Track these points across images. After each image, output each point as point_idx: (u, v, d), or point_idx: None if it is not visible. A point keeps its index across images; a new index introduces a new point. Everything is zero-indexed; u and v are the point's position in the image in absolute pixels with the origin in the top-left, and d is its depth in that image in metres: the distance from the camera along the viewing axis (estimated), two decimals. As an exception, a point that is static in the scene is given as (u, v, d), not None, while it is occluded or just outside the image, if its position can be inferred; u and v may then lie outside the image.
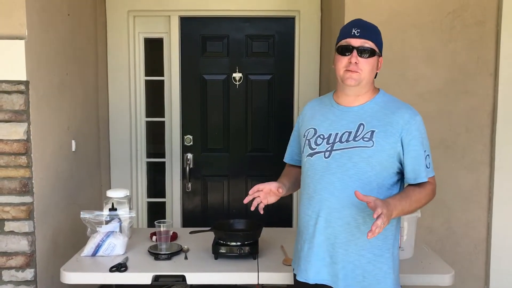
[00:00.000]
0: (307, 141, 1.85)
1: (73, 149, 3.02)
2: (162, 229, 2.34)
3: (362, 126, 1.74)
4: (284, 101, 3.90)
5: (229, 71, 3.87)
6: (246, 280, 2.12)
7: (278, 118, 3.93)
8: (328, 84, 3.58)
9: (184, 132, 3.90)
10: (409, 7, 3.01)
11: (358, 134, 1.74)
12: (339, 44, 1.79)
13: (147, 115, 3.94)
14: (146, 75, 3.90)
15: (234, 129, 3.92)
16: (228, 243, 2.26)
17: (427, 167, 1.74)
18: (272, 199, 1.91)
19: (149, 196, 4.01)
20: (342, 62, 1.75)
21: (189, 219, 3.96)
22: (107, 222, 2.36)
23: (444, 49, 3.03)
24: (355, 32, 1.74)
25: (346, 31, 1.78)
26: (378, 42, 1.79)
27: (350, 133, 1.75)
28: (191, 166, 3.90)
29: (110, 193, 2.51)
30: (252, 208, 1.90)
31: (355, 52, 1.73)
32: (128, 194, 2.55)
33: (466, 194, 3.10)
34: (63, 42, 2.90)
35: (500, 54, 2.97)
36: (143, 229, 3.06)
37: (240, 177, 3.96)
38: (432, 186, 1.78)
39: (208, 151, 3.94)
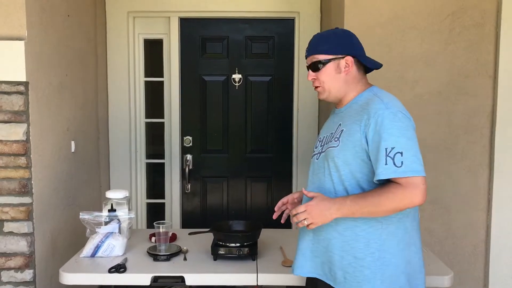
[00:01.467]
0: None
1: (73, 150, 3.02)
2: (161, 230, 2.34)
3: (339, 126, 1.77)
4: (283, 103, 3.91)
5: (229, 72, 3.88)
6: (245, 281, 2.12)
7: (277, 120, 3.93)
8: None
9: (183, 133, 3.90)
10: (408, 9, 3.02)
11: (333, 135, 1.78)
12: None
13: (147, 116, 3.94)
14: (145, 76, 3.91)
15: (233, 130, 3.93)
16: (227, 244, 2.26)
17: (386, 164, 1.58)
18: None
19: (148, 197, 4.01)
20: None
21: (188, 220, 3.96)
22: (106, 223, 2.36)
23: (443, 51, 3.04)
24: (305, 54, 1.87)
25: None
26: (326, 49, 1.79)
27: (331, 134, 1.80)
28: (190, 167, 3.90)
29: (109, 194, 2.51)
30: (283, 221, 2.07)
31: (309, 71, 1.83)
32: (127, 195, 2.55)
33: (465, 196, 3.10)
34: (62, 43, 2.90)
35: (500, 56, 2.98)
36: (142, 230, 3.06)
37: (239, 178, 3.96)
38: (400, 189, 1.59)
39: (207, 152, 3.95)
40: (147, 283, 2.08)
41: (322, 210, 1.67)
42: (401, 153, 1.58)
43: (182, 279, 2.09)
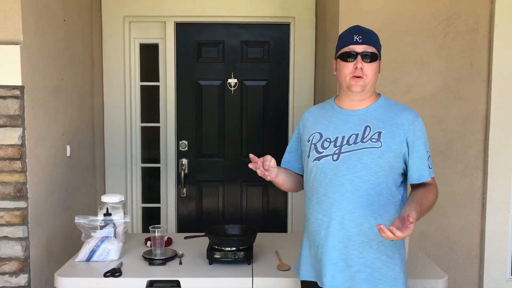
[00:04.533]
0: (312, 145, 1.86)
1: (68, 154, 3.02)
2: (156, 234, 2.33)
3: (368, 128, 1.79)
4: (279, 107, 3.92)
5: (225, 76, 3.89)
6: (241, 285, 2.12)
7: (273, 124, 3.94)
8: (323, 89, 3.61)
9: (179, 137, 3.91)
10: (403, 15, 3.04)
11: (365, 136, 1.77)
12: (342, 51, 1.82)
13: (142, 121, 3.94)
14: (141, 81, 3.91)
15: (229, 135, 3.93)
16: (223, 248, 2.27)
17: (429, 167, 1.81)
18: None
19: (144, 201, 4.00)
20: (348, 68, 1.79)
21: (184, 225, 3.95)
22: (101, 227, 2.35)
23: (437, 56, 3.06)
24: (357, 38, 1.79)
25: (347, 38, 1.82)
26: (379, 46, 1.86)
27: (357, 135, 1.78)
28: (186, 171, 3.90)
29: (104, 198, 2.51)
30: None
31: (359, 57, 1.77)
32: (122, 199, 2.55)
33: (460, 200, 3.11)
34: (58, 47, 2.90)
35: (493, 61, 3.00)
36: (138, 234, 3.06)
37: (235, 183, 3.97)
38: (435, 187, 1.85)
39: (203, 157, 3.95)
40: (142, 287, 2.07)
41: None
42: (430, 156, 1.84)
43: (177, 283, 2.09)
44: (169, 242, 2.55)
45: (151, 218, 3.96)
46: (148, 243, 2.53)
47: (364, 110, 1.84)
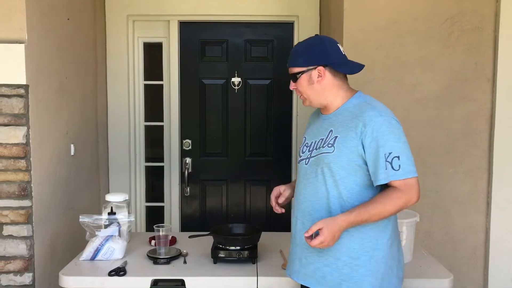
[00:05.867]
0: (299, 148, 1.98)
1: (72, 153, 3.02)
2: (161, 233, 2.33)
3: (331, 132, 1.81)
4: (283, 106, 3.92)
5: (228, 75, 3.88)
6: (246, 284, 2.12)
7: (276, 123, 3.94)
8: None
9: (182, 136, 3.91)
10: (407, 14, 3.03)
11: (326, 140, 1.81)
12: None
13: (146, 120, 3.94)
14: (145, 80, 3.91)
15: (232, 134, 3.93)
16: (227, 247, 2.26)
17: (386, 169, 1.68)
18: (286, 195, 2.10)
19: (147, 200, 4.00)
20: None
21: (187, 224, 3.95)
22: (106, 226, 2.35)
23: (441, 55, 3.05)
24: (287, 63, 1.90)
25: None
26: (300, 61, 1.84)
27: (322, 140, 1.83)
28: (189, 170, 3.90)
29: (109, 197, 2.51)
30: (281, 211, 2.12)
31: (291, 81, 1.88)
32: (127, 198, 2.55)
33: (464, 199, 3.11)
34: (62, 46, 2.90)
35: (498, 60, 2.99)
36: (142, 233, 3.06)
37: (238, 182, 3.96)
38: (402, 193, 1.69)
39: (206, 156, 3.95)
40: (147, 286, 2.07)
41: (335, 234, 1.69)
42: (398, 157, 1.68)
43: (182, 282, 2.09)
44: (173, 241, 2.55)
45: (154, 217, 3.96)
46: (152, 242, 2.53)
47: (332, 114, 1.86)
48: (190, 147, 3.91)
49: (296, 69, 1.84)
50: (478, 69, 3.04)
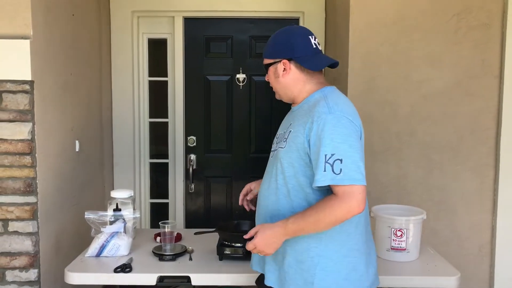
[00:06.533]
0: None
1: (77, 149, 3.02)
2: (166, 230, 2.33)
3: (289, 126, 1.74)
4: (287, 103, 3.89)
5: (233, 72, 3.87)
6: (251, 281, 2.11)
7: (281, 119, 3.91)
8: (333, 85, 3.57)
9: (187, 133, 3.90)
10: (414, 10, 3.01)
11: (284, 135, 1.75)
12: None
13: (151, 116, 3.93)
14: (149, 76, 3.90)
15: (237, 130, 3.92)
16: (233, 244, 2.25)
17: (325, 171, 1.55)
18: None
19: (152, 197, 4.00)
20: None
21: (192, 220, 3.95)
22: (111, 223, 2.35)
23: (448, 51, 3.03)
24: None
25: None
26: (268, 53, 1.81)
27: (283, 133, 1.77)
28: (194, 167, 3.89)
29: (114, 194, 2.51)
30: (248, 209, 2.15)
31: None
32: (132, 194, 2.54)
33: (471, 197, 3.09)
34: (67, 42, 2.89)
35: (506, 57, 2.97)
36: (146, 230, 3.05)
37: (243, 178, 3.92)
38: (337, 201, 1.56)
39: (211, 152, 3.94)
40: (153, 282, 2.07)
41: (269, 240, 1.65)
42: (341, 160, 1.54)
43: (188, 279, 2.08)
44: (178, 237, 2.54)
45: (159, 213, 3.96)
46: (158, 238, 2.52)
47: (296, 107, 1.80)
48: (194, 144, 3.90)
49: (266, 61, 1.81)
50: (485, 66, 3.02)
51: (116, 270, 2.09)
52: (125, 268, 2.10)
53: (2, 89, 2.38)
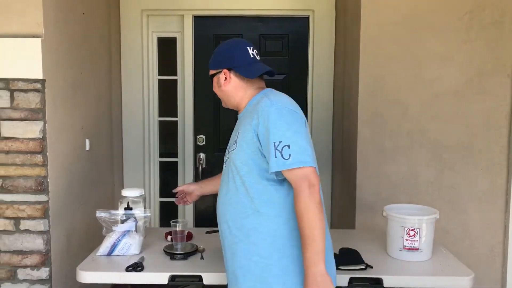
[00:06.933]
0: None
1: (87, 148, 3.02)
2: (178, 228, 2.32)
3: (238, 130, 1.83)
4: (297, 101, 3.85)
5: (242, 70, 3.85)
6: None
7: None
8: (343, 84, 3.56)
9: (196, 131, 3.89)
10: (425, 8, 2.99)
11: (234, 139, 1.83)
12: None
13: (160, 115, 3.93)
14: (159, 75, 3.90)
15: (246, 129, 3.90)
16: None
17: (276, 157, 1.63)
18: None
19: (161, 195, 4.00)
20: None
21: (201, 219, 3.95)
22: (122, 222, 2.34)
23: (460, 49, 3.00)
24: None
25: None
26: (211, 64, 1.93)
27: (233, 139, 1.85)
28: (203, 166, 3.89)
29: (125, 192, 2.50)
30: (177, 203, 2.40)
31: None
32: (143, 193, 2.53)
33: (483, 196, 3.07)
34: (77, 41, 2.89)
35: (518, 55, 2.94)
36: (156, 229, 3.05)
37: (252, 177, 3.94)
38: (299, 196, 1.61)
39: (220, 151, 3.92)
40: (165, 282, 2.06)
41: (318, 283, 1.58)
42: (288, 146, 1.63)
43: (199, 278, 2.07)
44: (189, 236, 2.53)
45: (168, 212, 3.96)
46: (169, 237, 2.51)
47: (241, 114, 1.89)
48: (204, 143, 3.89)
49: (210, 72, 1.93)
50: (498, 64, 2.99)
51: (128, 269, 2.08)
52: (136, 267, 2.10)
53: (14, 87, 2.38)
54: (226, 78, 1.86)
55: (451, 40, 2.99)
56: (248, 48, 1.89)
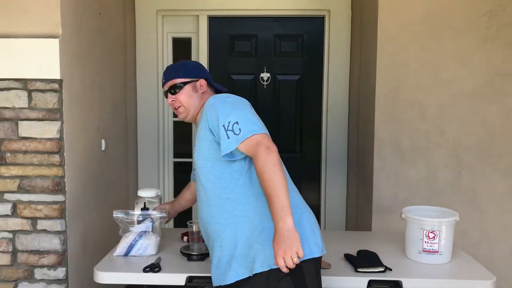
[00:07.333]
0: None
1: (103, 148, 3.02)
2: (194, 229, 2.31)
3: (196, 136, 1.93)
4: (312, 102, 3.86)
5: (257, 71, 3.85)
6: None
7: (306, 119, 3.89)
8: (358, 85, 3.53)
9: (211, 132, 3.88)
10: (443, 7, 2.95)
11: (194, 144, 1.95)
12: None
13: (175, 115, 3.92)
14: (174, 75, 3.89)
15: (261, 130, 3.89)
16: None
17: (229, 138, 1.73)
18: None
19: (175, 196, 3.98)
20: (170, 105, 2.08)
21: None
22: (139, 222, 2.33)
23: (479, 49, 2.96)
24: (162, 80, 2.08)
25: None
26: (184, 73, 2.04)
27: (193, 145, 1.95)
28: (218, 166, 3.87)
29: (141, 193, 2.49)
30: None
31: (168, 94, 2.05)
32: (159, 193, 2.52)
33: (501, 198, 3.02)
34: (94, 41, 2.90)
35: (539, 55, 2.89)
36: (171, 229, 3.04)
37: (267, 178, 3.92)
38: (257, 160, 1.69)
39: (235, 152, 3.91)
40: (182, 283, 2.05)
41: (285, 240, 1.61)
42: (237, 122, 1.74)
43: (217, 279, 2.06)
44: (205, 237, 2.52)
45: (182, 213, 3.92)
46: (184, 238, 2.50)
47: (198, 124, 1.97)
48: (218, 143, 3.88)
49: (179, 80, 2.01)
50: (518, 64, 2.95)
51: (145, 270, 2.08)
52: (154, 267, 2.09)
53: (32, 88, 2.39)
54: (201, 86, 2.03)
55: (470, 40, 2.96)
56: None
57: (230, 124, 1.74)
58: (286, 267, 1.60)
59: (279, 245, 1.60)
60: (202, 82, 2.04)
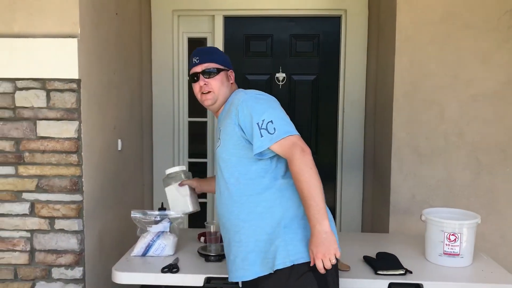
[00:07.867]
0: None
1: (119, 148, 3.02)
2: (212, 230, 2.30)
3: (220, 128, 1.91)
4: (328, 103, 3.83)
5: (273, 71, 3.83)
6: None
7: (322, 119, 3.86)
8: (375, 86, 3.50)
9: (226, 132, 3.87)
10: (463, 7, 2.92)
11: (217, 136, 1.93)
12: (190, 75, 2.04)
13: (190, 115, 3.92)
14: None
15: (276, 130, 3.87)
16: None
17: (262, 136, 1.73)
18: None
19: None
20: (196, 88, 2.01)
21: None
22: (157, 222, 2.33)
23: (500, 49, 2.92)
24: (195, 60, 1.99)
25: (189, 62, 2.03)
26: (219, 59, 1.99)
27: (217, 137, 1.94)
28: (233, 166, 3.86)
29: (168, 170, 2.45)
30: None
31: (200, 76, 1.96)
32: (184, 168, 2.50)
33: (522, 201, 2.98)
34: (111, 41, 2.90)
35: (562, 55, 2.84)
36: (187, 230, 3.03)
37: (282, 179, 3.90)
38: (294, 163, 1.70)
39: (250, 152, 3.90)
40: (200, 284, 2.04)
41: (323, 242, 1.66)
42: (271, 121, 1.73)
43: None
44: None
45: (197, 213, 3.92)
46: (201, 238, 2.49)
47: (219, 115, 1.99)
48: (233, 143, 3.86)
49: (216, 65, 1.96)
50: (539, 64, 2.90)
51: (163, 270, 2.07)
52: (172, 268, 2.08)
53: (50, 87, 2.39)
54: (230, 78, 2.01)
55: (490, 40, 2.91)
56: None
57: (264, 123, 1.73)
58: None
59: (318, 248, 1.65)
60: (232, 73, 2.03)
